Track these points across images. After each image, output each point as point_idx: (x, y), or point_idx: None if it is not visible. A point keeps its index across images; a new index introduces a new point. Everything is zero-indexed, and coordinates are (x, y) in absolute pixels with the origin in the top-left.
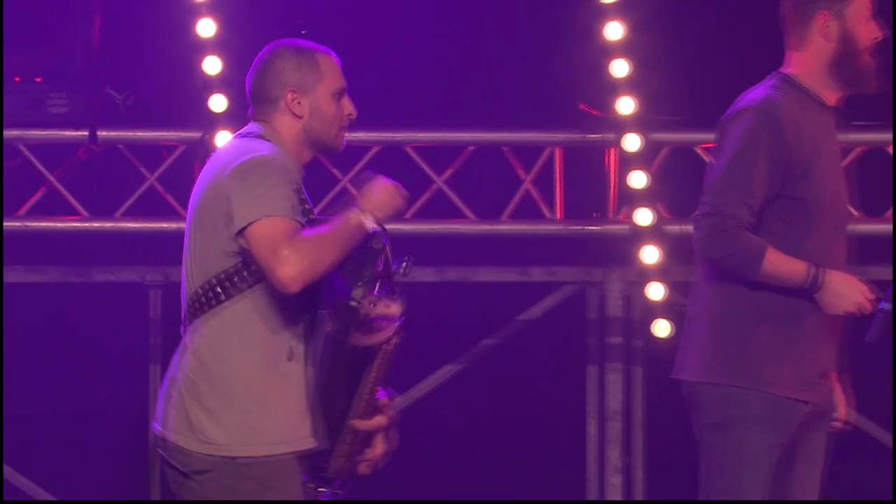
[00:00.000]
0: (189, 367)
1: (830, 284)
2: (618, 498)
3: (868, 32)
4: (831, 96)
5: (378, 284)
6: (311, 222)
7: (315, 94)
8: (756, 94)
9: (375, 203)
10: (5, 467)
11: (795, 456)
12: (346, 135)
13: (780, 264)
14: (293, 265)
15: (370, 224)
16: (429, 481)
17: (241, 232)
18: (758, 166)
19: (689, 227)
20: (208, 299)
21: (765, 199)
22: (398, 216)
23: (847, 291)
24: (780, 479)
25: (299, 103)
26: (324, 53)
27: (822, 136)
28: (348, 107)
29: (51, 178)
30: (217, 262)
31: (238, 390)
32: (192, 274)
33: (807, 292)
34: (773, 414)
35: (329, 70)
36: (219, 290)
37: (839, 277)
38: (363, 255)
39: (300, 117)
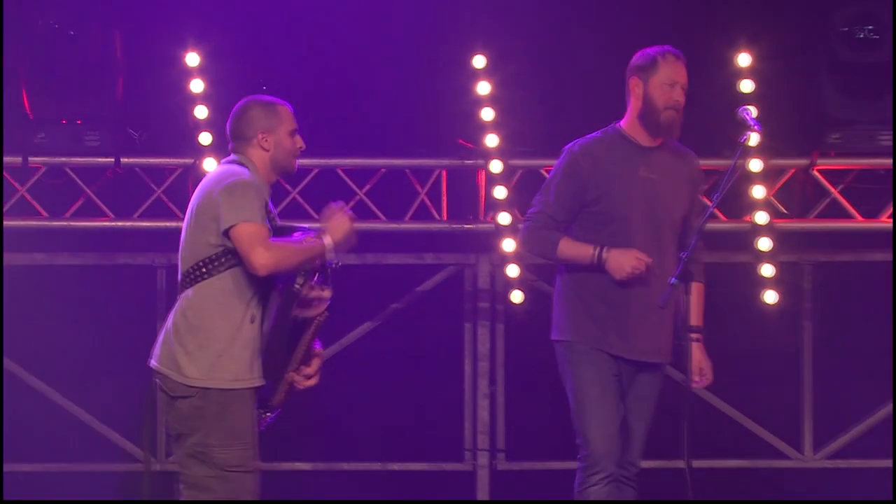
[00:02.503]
0: (178, 321)
1: (610, 258)
2: (485, 415)
3: (665, 97)
4: (647, 140)
5: (316, 276)
6: (279, 229)
7: (278, 133)
8: (581, 139)
9: (338, 231)
10: (38, 382)
11: (616, 392)
12: (302, 143)
13: (570, 249)
14: (266, 258)
15: (330, 245)
16: (352, 400)
17: (227, 230)
18: (556, 188)
19: None
20: (196, 276)
21: (568, 211)
22: (350, 241)
23: (623, 260)
24: (606, 405)
25: (267, 140)
26: (282, 105)
27: (627, 170)
28: (299, 142)
29: (87, 191)
30: (204, 250)
31: (211, 341)
32: (185, 257)
33: (598, 266)
34: (586, 360)
35: (286, 117)
36: (203, 269)
37: (617, 252)
38: None
39: (267, 150)
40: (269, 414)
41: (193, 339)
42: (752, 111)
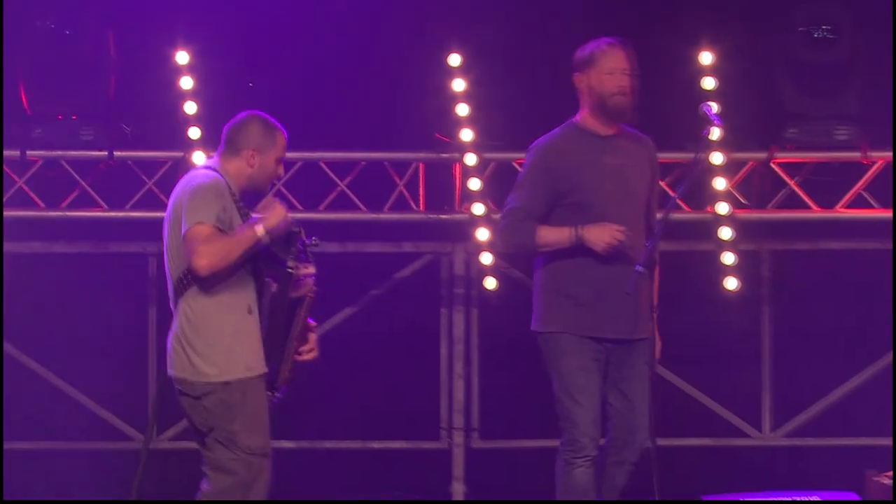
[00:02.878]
0: (183, 326)
1: (587, 233)
2: (460, 396)
3: (608, 85)
4: (604, 129)
5: (297, 253)
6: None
7: (267, 156)
8: (543, 137)
9: (273, 218)
10: (39, 367)
11: (599, 379)
12: (282, 172)
13: (548, 235)
14: (203, 258)
15: (262, 234)
16: (334, 382)
17: (184, 235)
18: (530, 185)
19: None
20: (187, 283)
21: (543, 204)
22: (285, 225)
23: (600, 234)
24: (590, 392)
25: (254, 158)
26: (280, 131)
27: (592, 159)
28: (281, 170)
29: (82, 183)
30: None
31: (218, 338)
32: (172, 268)
33: (578, 246)
34: (569, 349)
35: (280, 144)
36: (192, 277)
37: (592, 226)
38: (287, 237)
39: (251, 168)
40: (277, 394)
41: (201, 341)
42: (714, 107)
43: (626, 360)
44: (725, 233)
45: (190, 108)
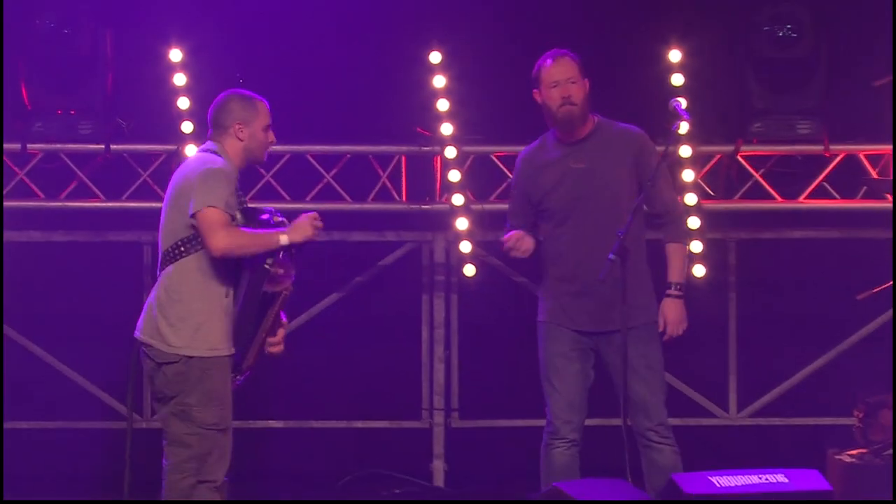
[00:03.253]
0: (160, 295)
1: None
2: (440, 378)
3: (553, 98)
4: (569, 136)
5: (282, 254)
6: (249, 210)
7: (253, 126)
8: (526, 147)
9: (297, 233)
10: (28, 343)
11: (579, 367)
12: (273, 139)
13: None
14: (223, 242)
15: (286, 243)
16: (320, 364)
17: (193, 214)
18: (512, 195)
19: (487, 206)
20: (176, 254)
21: (521, 215)
22: (310, 239)
23: (507, 243)
24: (567, 379)
25: (242, 131)
26: (260, 100)
27: (557, 167)
28: (271, 136)
29: (80, 175)
30: (182, 231)
31: (191, 314)
32: (165, 236)
33: (564, 244)
34: (552, 337)
35: (263, 112)
36: (182, 248)
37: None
38: None
39: (242, 140)
40: (239, 377)
41: (175, 312)
42: (683, 102)
43: (617, 351)
44: (693, 222)
45: (183, 103)
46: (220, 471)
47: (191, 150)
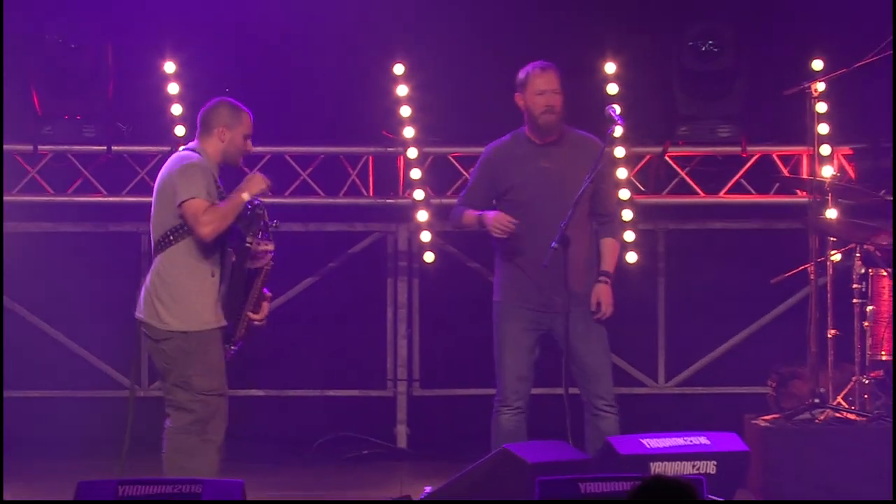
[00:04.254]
0: (154, 280)
1: (486, 219)
2: (403, 352)
3: (537, 105)
4: (541, 139)
5: (260, 233)
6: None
7: (234, 132)
8: (495, 140)
9: (254, 186)
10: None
11: (529, 343)
12: (251, 147)
13: (467, 218)
14: (207, 226)
15: (247, 198)
16: (297, 339)
17: (179, 204)
18: (473, 182)
19: (445, 201)
20: (166, 242)
21: (481, 198)
22: (265, 194)
23: (494, 221)
24: (517, 354)
25: (224, 135)
26: (245, 112)
27: (529, 164)
28: (249, 145)
29: (85, 173)
30: (170, 221)
31: (183, 294)
32: (155, 227)
33: (520, 232)
34: (506, 317)
35: (246, 122)
36: (171, 237)
37: (490, 215)
38: (251, 217)
39: (223, 143)
40: (233, 347)
41: (168, 294)
42: (617, 109)
43: (567, 326)
44: (627, 214)
45: (176, 109)
46: (221, 431)
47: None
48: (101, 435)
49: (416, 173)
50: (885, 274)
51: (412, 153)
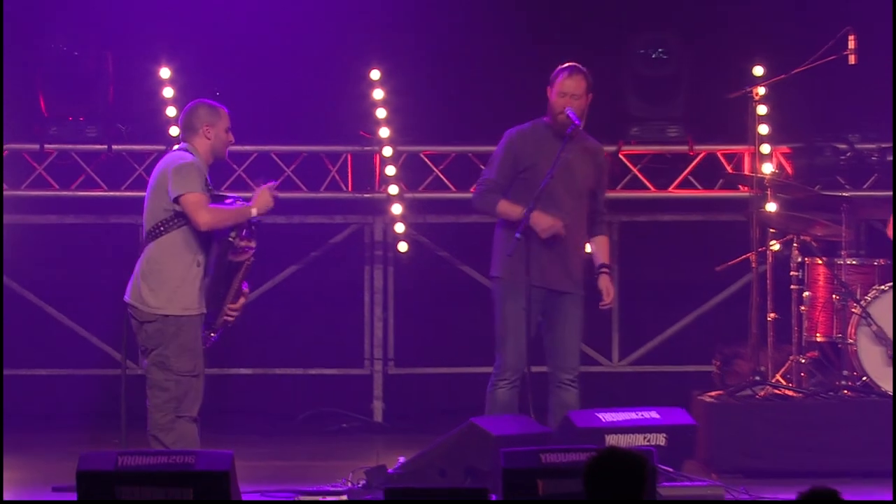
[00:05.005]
0: (143, 266)
1: (535, 217)
2: (379, 333)
3: (558, 104)
4: (561, 130)
5: (244, 230)
6: (215, 197)
7: (217, 128)
8: (515, 126)
9: (262, 204)
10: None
11: (527, 319)
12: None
13: (506, 208)
14: (207, 218)
15: (255, 213)
16: (282, 322)
17: (176, 198)
18: (499, 161)
19: (418, 195)
20: (156, 233)
21: (506, 177)
22: (271, 207)
23: (545, 222)
24: (518, 330)
25: (209, 132)
26: (221, 108)
27: (546, 149)
28: (231, 137)
29: (88, 169)
30: (160, 214)
31: (168, 281)
32: (147, 219)
33: (526, 221)
34: (509, 293)
35: (224, 117)
36: (161, 228)
37: (541, 214)
38: None
39: (209, 139)
40: (213, 334)
41: (155, 279)
42: (574, 111)
43: (555, 305)
44: None
45: (170, 111)
46: (195, 408)
47: (175, 149)
48: (103, 409)
49: (390, 170)
50: (820, 262)
51: (387, 151)
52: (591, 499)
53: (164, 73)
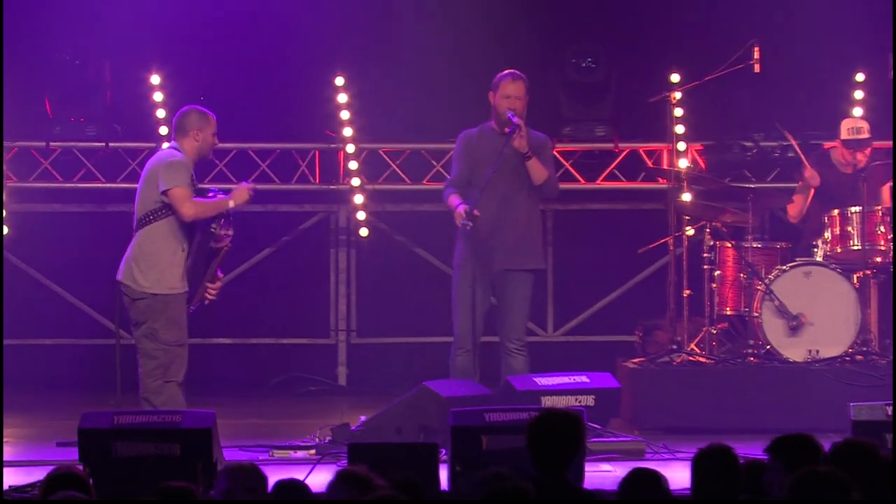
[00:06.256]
0: (134, 250)
1: (234, 193)
2: (343, 308)
3: (502, 106)
4: (501, 131)
5: (223, 220)
6: (198, 191)
7: (205, 132)
8: (467, 129)
9: (239, 197)
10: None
11: (477, 296)
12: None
13: (450, 202)
14: (191, 211)
15: (232, 205)
16: (258, 298)
17: (165, 191)
18: (455, 163)
19: (378, 187)
20: (146, 221)
21: (462, 176)
22: (247, 202)
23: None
24: (467, 306)
25: (199, 135)
26: (211, 115)
27: (492, 148)
28: (216, 140)
29: (88, 164)
30: (150, 205)
31: (155, 263)
32: (138, 208)
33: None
34: (459, 276)
35: (212, 123)
36: (150, 217)
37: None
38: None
39: (198, 142)
40: (191, 307)
41: (145, 263)
42: (513, 113)
43: (503, 282)
44: None
45: (160, 113)
46: (181, 373)
47: (166, 147)
48: (100, 375)
49: (353, 165)
50: (729, 245)
51: (350, 148)
52: (534, 453)
53: (155, 79)
